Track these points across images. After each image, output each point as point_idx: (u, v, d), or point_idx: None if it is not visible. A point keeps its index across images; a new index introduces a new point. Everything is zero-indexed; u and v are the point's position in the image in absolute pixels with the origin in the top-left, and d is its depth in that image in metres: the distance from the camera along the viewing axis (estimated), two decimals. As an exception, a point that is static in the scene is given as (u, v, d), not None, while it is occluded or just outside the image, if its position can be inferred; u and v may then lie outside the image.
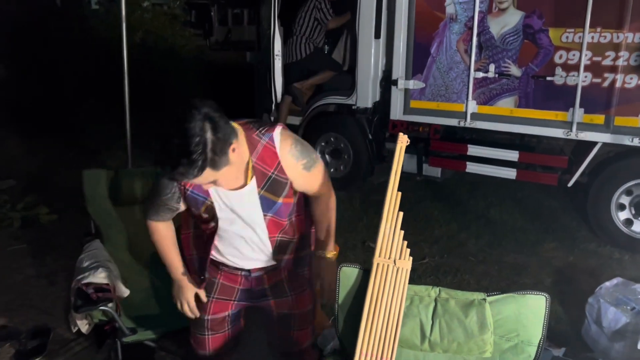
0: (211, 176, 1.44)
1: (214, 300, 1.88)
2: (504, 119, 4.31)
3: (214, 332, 1.93)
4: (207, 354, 1.95)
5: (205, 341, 1.94)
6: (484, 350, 1.56)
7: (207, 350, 1.95)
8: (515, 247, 4.16)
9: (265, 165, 1.62)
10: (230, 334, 1.98)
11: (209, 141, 1.36)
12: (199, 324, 1.92)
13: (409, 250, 1.63)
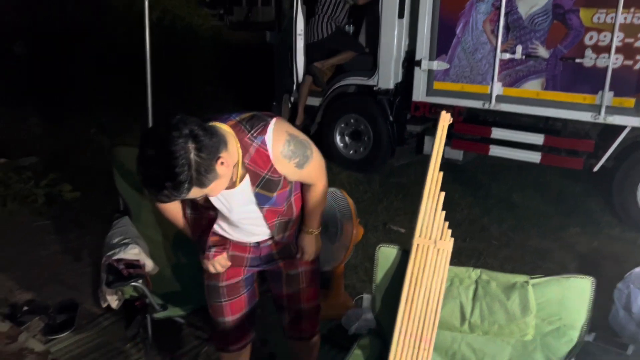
0: (199, 192, 1.42)
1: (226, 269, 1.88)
2: (530, 102, 4.24)
3: (230, 298, 1.93)
4: (226, 319, 1.95)
5: (223, 308, 1.94)
6: (525, 333, 1.55)
7: (225, 316, 1.94)
8: (538, 232, 4.12)
9: (258, 167, 1.61)
10: (246, 298, 1.98)
11: (193, 162, 1.32)
12: (215, 293, 1.92)
13: (450, 231, 1.61)
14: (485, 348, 1.63)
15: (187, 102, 7.72)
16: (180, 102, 7.70)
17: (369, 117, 5.19)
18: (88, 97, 7.55)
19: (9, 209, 4.20)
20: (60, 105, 7.16)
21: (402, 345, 1.55)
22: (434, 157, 1.61)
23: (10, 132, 6.19)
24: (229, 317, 1.95)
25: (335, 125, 5.43)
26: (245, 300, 1.97)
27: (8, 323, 2.48)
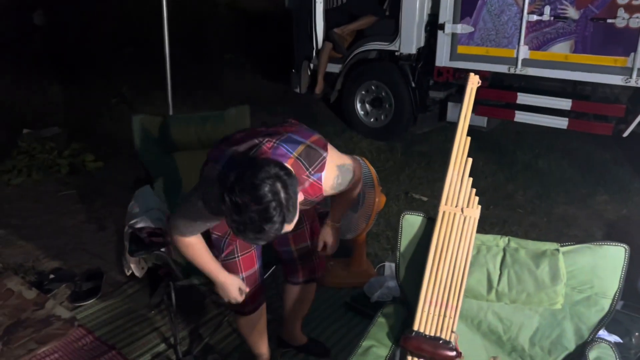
0: (284, 230, 1.40)
1: (240, 259, 1.93)
2: (558, 65, 4.10)
3: (242, 253, 1.94)
4: (239, 277, 1.94)
5: (237, 264, 1.93)
6: (555, 301, 1.51)
7: (238, 273, 1.93)
8: (564, 199, 4.04)
9: (309, 195, 1.67)
10: (255, 252, 1.99)
11: (284, 201, 1.34)
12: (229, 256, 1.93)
13: (477, 198, 1.57)
14: (512, 317, 1.60)
15: (206, 71, 7.67)
16: (199, 70, 7.67)
17: (390, 83, 5.09)
18: (108, 67, 7.56)
19: (33, 179, 4.25)
20: (80, 75, 7.18)
21: (427, 312, 1.52)
22: (462, 122, 1.55)
23: (33, 103, 6.23)
24: (242, 274, 1.94)
25: (355, 92, 5.34)
26: (256, 255, 1.99)
27: (35, 290, 2.52)
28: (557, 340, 1.56)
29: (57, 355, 2.27)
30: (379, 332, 1.58)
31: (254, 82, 7.35)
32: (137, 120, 2.59)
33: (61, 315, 2.31)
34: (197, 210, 1.65)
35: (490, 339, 1.64)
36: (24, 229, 3.51)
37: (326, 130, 5.51)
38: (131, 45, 8.24)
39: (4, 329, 2.22)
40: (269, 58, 7.74)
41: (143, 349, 2.43)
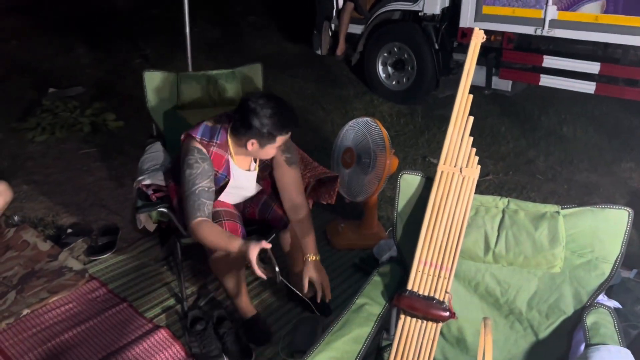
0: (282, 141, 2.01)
1: (225, 222, 2.10)
2: (587, 27, 3.92)
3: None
4: (219, 209, 2.12)
5: (222, 226, 2.07)
6: (553, 265, 1.48)
7: (219, 207, 2.13)
8: (588, 166, 3.93)
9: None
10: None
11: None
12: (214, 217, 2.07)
13: (477, 159, 1.53)
14: (510, 279, 1.57)
15: (228, 33, 7.62)
16: (222, 32, 7.61)
17: (413, 45, 4.97)
18: (133, 28, 7.57)
19: (56, 136, 4.34)
20: (105, 36, 7.22)
21: (421, 272, 1.51)
22: (464, 78, 1.50)
23: (58, 62, 6.31)
24: (220, 208, 2.13)
25: (377, 54, 5.24)
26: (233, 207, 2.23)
27: (50, 243, 2.60)
28: (555, 304, 1.53)
29: (72, 305, 2.36)
30: (374, 290, 1.58)
31: (276, 44, 7.27)
32: (149, 77, 2.59)
33: (73, 267, 2.38)
34: (198, 172, 1.97)
35: (488, 300, 1.62)
36: (45, 185, 3.60)
37: (347, 93, 5.46)
38: (156, 6, 8.21)
39: (19, 278, 2.30)
40: (292, 19, 7.62)
41: (153, 302, 2.50)
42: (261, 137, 1.95)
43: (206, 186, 1.98)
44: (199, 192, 1.96)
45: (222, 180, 2.11)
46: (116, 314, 2.37)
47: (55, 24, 7.62)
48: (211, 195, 2.00)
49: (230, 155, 2.08)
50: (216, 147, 2.04)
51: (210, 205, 2.00)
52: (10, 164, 3.86)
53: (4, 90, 5.33)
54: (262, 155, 2.07)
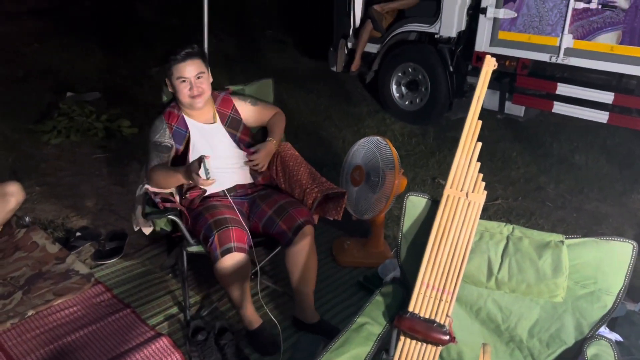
0: (199, 69, 2.28)
1: (233, 228, 2.15)
2: (603, 57, 3.93)
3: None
4: (226, 216, 2.19)
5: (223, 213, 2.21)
6: (555, 294, 1.48)
7: (225, 214, 2.21)
8: (598, 195, 3.91)
9: (224, 108, 2.45)
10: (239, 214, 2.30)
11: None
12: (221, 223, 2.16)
13: (483, 184, 1.54)
14: (512, 306, 1.57)
15: (245, 45, 7.72)
16: (239, 44, 7.71)
17: (428, 66, 5.00)
18: (152, 36, 7.69)
19: (71, 140, 4.41)
20: (125, 43, 7.34)
21: (423, 295, 1.52)
22: (474, 105, 1.52)
23: (77, 66, 6.42)
24: (228, 215, 2.20)
25: (392, 73, 5.28)
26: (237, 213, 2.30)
27: (58, 245, 2.63)
28: (556, 334, 1.52)
29: (76, 309, 2.38)
30: (375, 310, 1.59)
31: (292, 59, 7.36)
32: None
33: (79, 271, 2.40)
34: (151, 129, 2.33)
35: (489, 326, 1.62)
36: (58, 187, 3.65)
37: (359, 110, 5.49)
38: (176, 16, 8.35)
39: (26, 279, 2.33)
40: (309, 35, 7.71)
41: (156, 309, 2.51)
42: (166, 71, 2.28)
43: (158, 140, 2.30)
44: (153, 146, 2.29)
45: (184, 135, 2.34)
46: (119, 319, 2.39)
47: (76, 28, 7.78)
48: (164, 149, 2.30)
49: (182, 112, 2.37)
50: (169, 107, 2.39)
51: (166, 158, 2.30)
52: (25, 165, 3.92)
53: (24, 92, 5.43)
54: (180, 95, 2.29)
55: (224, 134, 2.42)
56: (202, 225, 2.19)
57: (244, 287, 2.22)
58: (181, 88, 2.26)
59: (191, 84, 2.26)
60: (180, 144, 2.34)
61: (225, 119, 2.44)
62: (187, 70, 2.24)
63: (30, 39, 7.27)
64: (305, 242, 2.30)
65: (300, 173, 2.55)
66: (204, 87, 2.31)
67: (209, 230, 2.14)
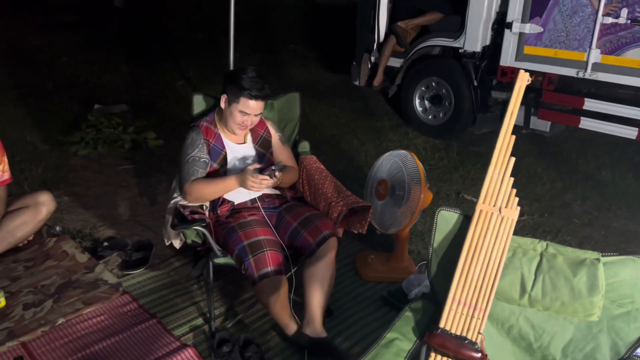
0: (260, 108, 2.35)
1: (268, 252, 2.18)
2: (632, 72, 3.88)
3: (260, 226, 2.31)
4: (260, 238, 2.21)
5: (256, 232, 2.25)
6: (591, 313, 1.45)
7: (259, 235, 2.23)
8: (626, 213, 3.84)
9: (258, 128, 2.51)
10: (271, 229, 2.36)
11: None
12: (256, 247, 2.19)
13: (517, 200, 1.52)
14: (545, 325, 1.55)
15: (268, 60, 7.79)
16: (262, 58, 7.80)
17: (452, 81, 4.99)
18: (178, 50, 7.83)
19: (98, 151, 4.48)
20: (151, 57, 7.48)
21: (454, 311, 1.50)
22: (507, 119, 1.51)
23: (105, 78, 6.55)
24: (262, 236, 2.22)
25: (415, 88, 5.28)
26: (272, 230, 2.36)
27: (87, 254, 2.66)
28: (591, 354, 1.49)
29: (103, 318, 2.40)
30: (405, 326, 1.57)
31: (314, 73, 7.41)
32: (197, 99, 2.68)
33: (108, 280, 2.43)
34: (188, 142, 2.37)
35: (520, 345, 1.59)
36: (85, 198, 3.71)
37: (382, 124, 5.49)
38: (202, 30, 8.49)
39: (56, 287, 2.37)
40: (331, 50, 7.76)
41: (182, 320, 2.52)
42: (231, 92, 2.31)
43: (197, 155, 2.34)
44: (192, 161, 2.32)
45: (220, 153, 2.40)
46: (145, 329, 2.40)
47: (104, 42, 7.95)
48: (202, 165, 2.34)
49: (219, 130, 2.43)
50: (205, 122, 2.44)
51: (203, 174, 2.34)
52: (54, 175, 4.00)
53: (53, 104, 5.56)
54: (231, 119, 2.34)
55: (254, 154, 2.48)
56: (236, 244, 2.22)
57: (284, 303, 2.25)
58: (238, 118, 2.34)
59: (249, 118, 2.35)
60: (215, 162, 2.39)
61: (258, 138, 2.51)
62: (254, 109, 2.32)
63: (59, 52, 7.44)
64: (328, 255, 2.32)
65: (325, 186, 2.56)
66: (255, 123, 2.43)
67: (243, 252, 2.18)
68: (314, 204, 2.57)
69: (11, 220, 2.55)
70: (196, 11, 9.17)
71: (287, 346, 2.38)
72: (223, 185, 2.31)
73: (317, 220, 2.37)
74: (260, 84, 2.30)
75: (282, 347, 2.38)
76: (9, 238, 2.55)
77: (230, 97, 2.33)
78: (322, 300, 2.32)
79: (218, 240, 2.33)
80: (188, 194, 2.31)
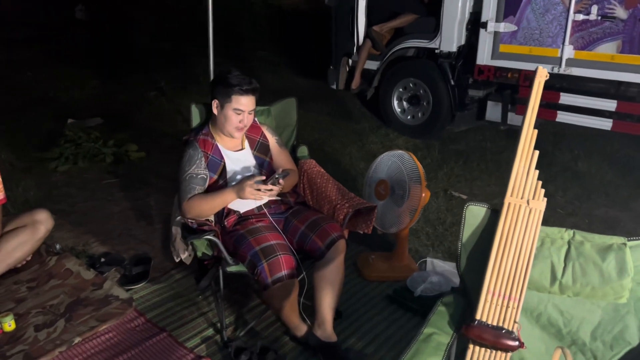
0: (252, 103, 2.35)
1: (282, 256, 2.18)
2: (604, 66, 4.05)
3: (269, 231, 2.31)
4: (271, 243, 2.21)
5: (267, 237, 2.24)
6: (620, 295, 1.51)
7: (270, 240, 2.23)
8: (606, 201, 3.99)
9: (254, 134, 2.51)
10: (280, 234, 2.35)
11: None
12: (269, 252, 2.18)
13: (543, 191, 1.58)
14: (573, 310, 1.60)
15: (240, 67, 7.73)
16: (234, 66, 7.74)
17: (429, 81, 5.09)
18: (145, 61, 7.70)
19: (79, 166, 4.37)
20: (118, 69, 7.34)
21: (489, 303, 1.54)
22: (529, 114, 1.57)
23: (75, 93, 6.40)
24: (274, 241, 2.22)
25: (393, 89, 5.36)
26: (281, 234, 2.35)
27: (93, 271, 2.60)
28: (620, 335, 1.56)
29: (112, 335, 2.35)
30: (440, 320, 1.60)
31: (288, 79, 7.42)
32: (194, 109, 2.64)
33: (119, 296, 2.38)
34: (186, 158, 2.33)
35: (549, 331, 1.64)
36: (72, 214, 3.61)
37: (362, 127, 5.55)
38: (168, 41, 8.38)
39: (65, 306, 2.30)
40: (303, 55, 7.79)
41: (192, 332, 2.49)
42: (220, 94, 2.31)
43: (194, 172, 2.31)
44: (189, 179, 2.29)
45: (219, 164, 2.38)
46: (157, 343, 2.36)
47: (69, 55, 7.76)
48: (200, 181, 2.30)
49: (215, 141, 2.41)
50: (202, 135, 2.41)
51: (201, 190, 2.30)
52: (36, 194, 3.88)
53: (24, 121, 5.39)
54: (227, 123, 2.33)
55: (253, 160, 2.49)
56: (247, 250, 2.21)
57: (294, 305, 2.26)
58: (233, 118, 2.33)
59: (243, 116, 2.34)
60: (214, 173, 2.38)
61: (255, 144, 2.52)
62: (246, 104, 2.32)
63: (23, 67, 7.23)
64: (337, 257, 2.34)
65: (328, 189, 2.59)
66: (250, 122, 2.41)
67: (256, 258, 2.17)
68: (317, 207, 2.59)
69: (9, 240, 2.47)
70: (161, 22, 9.05)
71: (303, 351, 2.38)
72: (221, 199, 2.29)
73: (325, 223, 2.38)
74: (247, 79, 2.32)
75: (298, 352, 2.38)
76: (8, 259, 2.47)
77: (221, 99, 2.33)
78: (333, 302, 2.34)
79: (227, 250, 2.31)
80: (187, 211, 2.29)
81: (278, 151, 2.58)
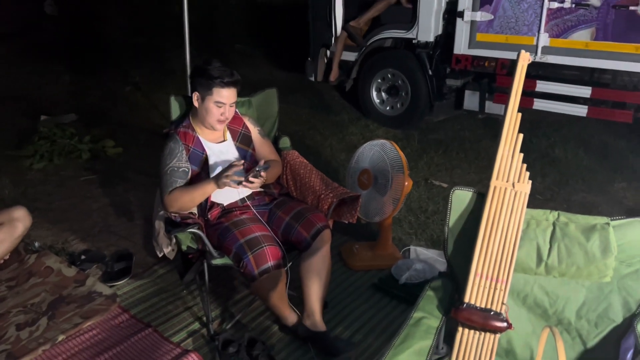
0: (234, 96, 2.32)
1: (267, 247, 2.17)
2: (578, 53, 4.11)
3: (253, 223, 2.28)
4: (256, 234, 2.19)
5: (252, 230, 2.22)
6: (605, 274, 1.54)
7: (255, 232, 2.21)
8: (583, 187, 4.07)
9: (235, 125, 2.48)
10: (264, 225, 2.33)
11: None
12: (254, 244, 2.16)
13: (528, 174, 1.60)
14: (559, 290, 1.63)
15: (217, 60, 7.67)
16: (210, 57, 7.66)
17: (407, 71, 5.11)
18: (118, 56, 7.57)
19: (55, 163, 4.28)
20: (91, 64, 7.20)
21: (477, 285, 1.55)
22: (512, 98, 1.58)
23: (47, 89, 6.26)
24: (258, 233, 2.21)
25: (371, 80, 5.37)
26: (266, 226, 2.33)
27: (74, 268, 2.55)
28: (604, 313, 1.59)
29: (96, 332, 2.31)
30: (429, 304, 1.61)
31: (265, 72, 7.37)
32: (174, 101, 2.59)
33: (102, 292, 2.34)
34: (167, 151, 2.29)
35: (536, 312, 1.67)
36: (50, 212, 3.54)
37: (341, 119, 5.55)
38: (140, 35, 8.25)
39: (47, 304, 2.25)
40: (279, 48, 7.74)
41: (178, 326, 2.47)
42: (201, 86, 2.28)
43: (175, 165, 2.27)
44: (170, 172, 2.26)
45: (200, 156, 2.34)
46: (142, 339, 2.33)
47: (40, 52, 7.57)
48: (182, 175, 2.27)
49: (196, 133, 2.37)
50: (183, 127, 2.37)
51: (182, 183, 2.27)
52: (11, 192, 3.79)
53: (-5, 118, 5.25)
54: (208, 115, 2.30)
55: (235, 151, 2.45)
56: (232, 243, 2.19)
57: (282, 295, 2.25)
58: (214, 111, 2.30)
59: (225, 109, 2.30)
60: (196, 166, 2.34)
61: (237, 135, 2.48)
62: (227, 97, 2.29)
63: (-8, 64, 7.03)
64: (323, 247, 2.34)
65: (312, 179, 2.58)
66: (232, 114, 2.38)
67: (241, 250, 2.15)
68: (301, 198, 2.58)
69: (-14, 240, 2.40)
70: (132, 16, 8.89)
71: (291, 340, 2.38)
72: (201, 190, 2.24)
73: (309, 213, 2.38)
74: (228, 71, 2.29)
75: (286, 342, 2.38)
76: (-15, 259, 2.41)
77: (201, 92, 2.30)
78: (321, 292, 2.34)
79: (212, 242, 2.29)
80: (169, 205, 2.25)
81: (261, 142, 2.55)
